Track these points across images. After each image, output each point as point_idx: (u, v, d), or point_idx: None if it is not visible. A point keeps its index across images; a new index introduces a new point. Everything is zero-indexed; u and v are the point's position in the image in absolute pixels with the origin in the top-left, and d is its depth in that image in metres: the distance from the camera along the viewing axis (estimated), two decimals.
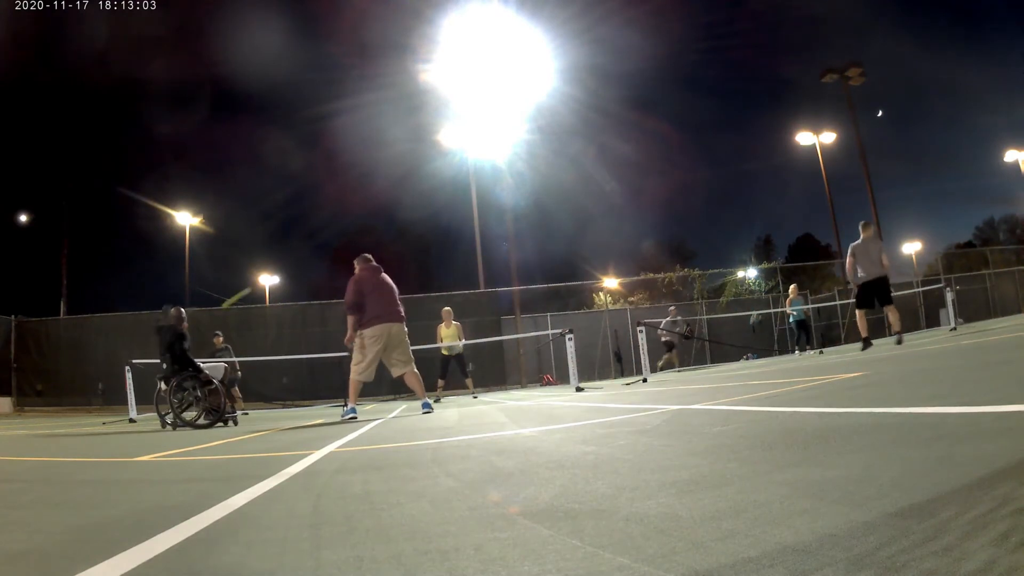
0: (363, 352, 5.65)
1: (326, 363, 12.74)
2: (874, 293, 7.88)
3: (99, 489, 1.95)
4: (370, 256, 5.97)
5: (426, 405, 5.58)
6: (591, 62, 24.57)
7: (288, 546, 0.98)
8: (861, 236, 7.99)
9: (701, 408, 2.84)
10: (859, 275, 7.84)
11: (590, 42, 22.86)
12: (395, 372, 5.86)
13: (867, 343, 7.63)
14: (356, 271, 5.86)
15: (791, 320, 13.55)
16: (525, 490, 1.27)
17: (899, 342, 7.67)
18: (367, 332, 5.65)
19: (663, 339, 13.65)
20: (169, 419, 5.86)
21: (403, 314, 5.92)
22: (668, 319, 13.99)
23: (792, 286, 14.38)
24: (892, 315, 8.02)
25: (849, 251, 8.03)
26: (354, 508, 1.24)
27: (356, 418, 5.36)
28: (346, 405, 5.72)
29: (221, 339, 11.31)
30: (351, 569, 0.83)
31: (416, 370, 5.85)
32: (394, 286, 5.98)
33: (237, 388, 11.03)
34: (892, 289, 8.07)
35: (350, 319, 5.75)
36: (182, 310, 6.43)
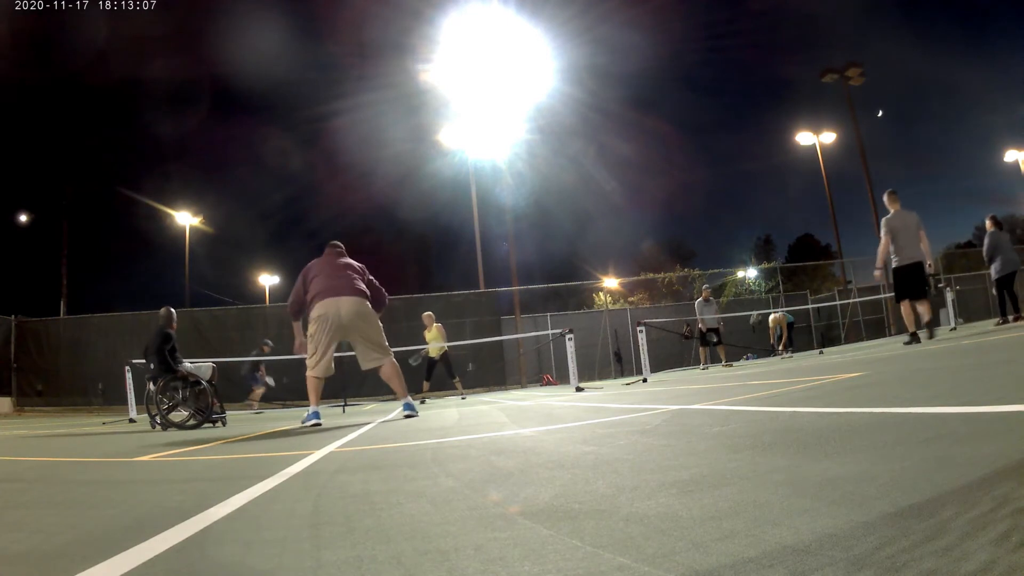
0: (311, 340, 4.64)
1: None
2: (912, 280, 6.54)
3: (99, 489, 1.95)
4: (338, 243, 5.02)
5: (408, 407, 4.71)
6: (591, 62, 24.68)
7: (288, 546, 0.98)
8: (891, 209, 6.59)
9: (701, 408, 2.84)
10: (893, 259, 6.56)
11: (590, 42, 22.95)
12: (364, 363, 4.75)
13: (915, 338, 6.45)
14: None
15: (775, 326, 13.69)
16: (525, 490, 1.27)
17: (931, 336, 6.65)
18: (311, 317, 4.67)
19: (701, 330, 12.16)
20: (159, 420, 5.85)
21: (361, 289, 4.77)
22: (700, 300, 12.36)
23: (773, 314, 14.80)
24: (922, 307, 6.68)
25: (885, 227, 6.56)
26: (354, 508, 1.24)
27: (320, 424, 4.37)
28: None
29: (269, 347, 11.36)
30: (351, 569, 0.83)
31: (395, 362, 4.84)
32: (357, 266, 4.94)
33: (256, 391, 11.14)
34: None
35: (294, 325, 4.94)
36: (172, 311, 6.35)
